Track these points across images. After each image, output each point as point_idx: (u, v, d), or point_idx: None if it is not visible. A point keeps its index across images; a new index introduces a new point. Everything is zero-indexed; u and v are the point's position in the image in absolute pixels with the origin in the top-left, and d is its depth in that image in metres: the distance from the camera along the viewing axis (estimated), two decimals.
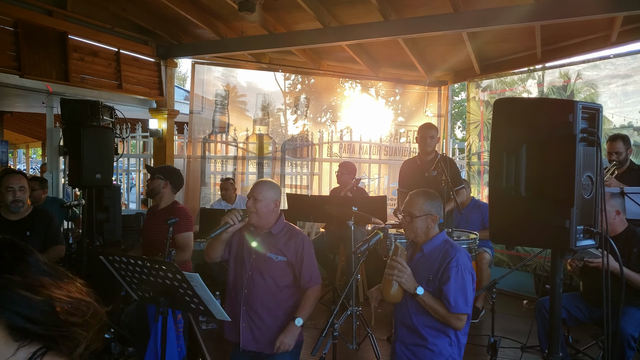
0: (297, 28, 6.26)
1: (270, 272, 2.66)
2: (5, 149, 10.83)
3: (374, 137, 7.63)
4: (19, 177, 3.69)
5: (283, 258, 2.67)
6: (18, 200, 3.59)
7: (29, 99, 7.33)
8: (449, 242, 2.61)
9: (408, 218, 2.62)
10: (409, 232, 2.64)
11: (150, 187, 3.72)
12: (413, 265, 2.60)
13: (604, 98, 5.78)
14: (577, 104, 1.80)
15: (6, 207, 3.61)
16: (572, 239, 1.81)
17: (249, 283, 2.68)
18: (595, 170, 1.87)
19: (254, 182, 2.83)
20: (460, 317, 2.47)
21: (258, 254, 2.69)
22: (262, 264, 2.67)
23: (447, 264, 2.49)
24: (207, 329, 4.92)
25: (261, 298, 2.65)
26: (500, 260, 6.54)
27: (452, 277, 2.46)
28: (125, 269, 2.50)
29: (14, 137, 15.18)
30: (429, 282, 2.53)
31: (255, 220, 2.66)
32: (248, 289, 2.67)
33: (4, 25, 4.89)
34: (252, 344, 2.68)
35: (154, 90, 6.70)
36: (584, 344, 4.32)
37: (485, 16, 4.96)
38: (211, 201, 7.06)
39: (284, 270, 2.68)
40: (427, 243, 2.61)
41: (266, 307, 2.67)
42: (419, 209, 2.60)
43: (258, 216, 2.65)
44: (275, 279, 2.67)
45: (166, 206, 3.71)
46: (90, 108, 4.69)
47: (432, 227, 2.61)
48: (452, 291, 2.44)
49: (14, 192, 3.57)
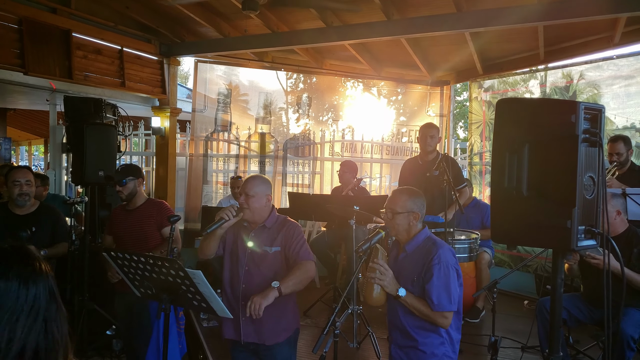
0: (300, 27, 6.27)
1: (266, 264, 2.68)
2: (8, 146, 10.86)
3: (376, 137, 7.64)
4: (25, 171, 3.72)
5: (277, 248, 2.70)
6: (24, 193, 3.62)
7: (32, 96, 7.35)
8: (431, 239, 2.58)
9: (390, 214, 2.59)
10: (391, 229, 2.60)
11: (126, 193, 3.54)
12: (398, 265, 2.60)
13: (607, 99, 5.78)
14: (579, 104, 1.81)
15: (13, 201, 3.64)
16: (574, 239, 1.81)
17: (246, 277, 2.69)
18: (597, 170, 1.88)
19: (245, 179, 2.83)
20: (445, 314, 2.44)
21: (253, 248, 2.72)
22: (258, 257, 2.70)
23: (430, 262, 2.45)
24: (208, 327, 4.94)
25: (257, 290, 2.60)
26: (501, 261, 6.54)
27: (435, 274, 2.42)
28: (129, 265, 2.51)
29: (16, 134, 15.23)
30: (413, 282, 2.50)
31: (249, 215, 2.68)
32: (246, 283, 2.69)
33: (9, 22, 4.91)
34: (253, 336, 2.71)
35: (156, 88, 6.71)
36: (584, 345, 4.32)
37: (488, 16, 4.96)
38: (213, 199, 7.08)
39: (279, 260, 2.70)
40: (410, 242, 2.58)
41: None
42: (402, 205, 2.57)
43: (251, 212, 2.68)
44: (272, 270, 2.69)
45: (142, 203, 3.62)
46: (94, 106, 4.71)
47: (413, 225, 2.58)
48: (435, 289, 2.41)
49: (20, 186, 3.61)
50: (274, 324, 2.69)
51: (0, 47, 4.82)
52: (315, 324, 5.08)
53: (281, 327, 2.73)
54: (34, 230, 3.66)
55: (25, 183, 3.62)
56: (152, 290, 2.56)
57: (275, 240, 2.71)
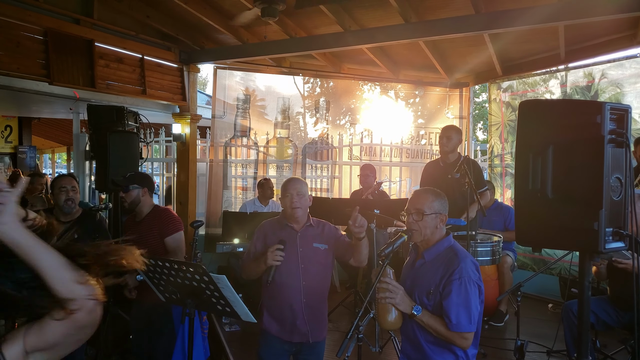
0: (317, 32, 6.29)
1: (318, 259, 2.81)
2: (33, 154, 11.12)
3: (395, 140, 7.61)
4: (70, 178, 3.81)
5: (325, 246, 2.82)
6: (70, 199, 3.67)
7: (56, 105, 7.51)
8: (453, 249, 2.37)
9: (417, 216, 2.36)
10: (416, 233, 2.38)
11: (129, 200, 3.43)
12: (414, 273, 2.44)
13: (630, 98, 5.67)
14: (605, 105, 1.79)
15: (59, 208, 3.69)
16: (601, 241, 1.79)
17: (304, 275, 2.77)
18: (624, 171, 1.85)
19: (288, 179, 2.90)
20: (464, 335, 2.23)
21: (304, 246, 2.80)
22: (312, 253, 2.80)
23: (450, 276, 2.25)
24: (230, 331, 4.97)
25: (317, 285, 2.81)
26: (524, 264, 6.46)
27: (454, 290, 2.21)
28: (154, 270, 2.55)
29: (40, 142, 15.55)
30: (429, 295, 2.31)
31: (301, 214, 2.80)
32: (306, 280, 2.77)
33: (34, 34, 5.03)
34: (299, 336, 2.79)
35: (177, 95, 6.80)
36: (612, 349, 4.24)
37: (507, 17, 4.92)
38: (233, 204, 7.13)
39: (327, 256, 2.84)
40: (430, 249, 2.39)
41: (321, 293, 2.85)
42: (429, 206, 2.36)
43: (303, 211, 2.81)
44: (323, 266, 2.84)
45: (149, 212, 3.47)
46: (116, 113, 4.80)
47: (440, 228, 2.40)
48: (454, 307, 2.20)
49: (67, 192, 3.66)
50: (322, 321, 2.87)
51: (27, 58, 4.95)
52: (337, 328, 5.07)
53: (324, 325, 2.89)
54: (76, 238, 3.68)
55: (71, 189, 3.68)
56: (176, 295, 2.60)
57: (321, 238, 2.84)
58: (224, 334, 4.34)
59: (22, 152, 10.87)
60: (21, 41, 4.92)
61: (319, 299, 2.85)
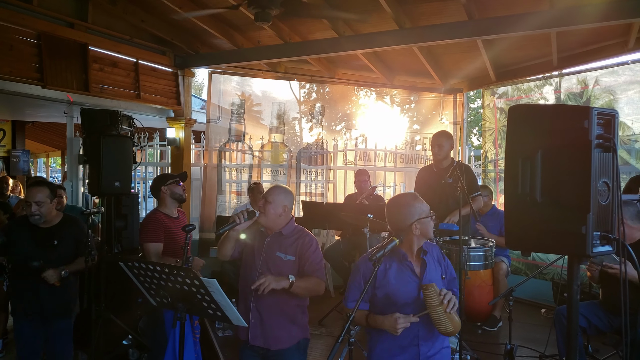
0: (312, 37, 6.32)
1: (279, 270, 2.72)
2: (27, 158, 11.07)
3: (389, 145, 7.63)
4: (37, 190, 3.57)
5: (291, 257, 2.76)
6: (34, 214, 3.53)
7: (50, 109, 7.50)
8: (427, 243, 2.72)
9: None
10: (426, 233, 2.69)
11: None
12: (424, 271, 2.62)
13: (622, 104, 5.72)
14: (592, 110, 1.80)
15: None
16: (589, 245, 1.80)
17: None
18: (611, 176, 1.86)
19: (271, 186, 2.93)
20: None
21: (268, 252, 2.78)
22: (272, 262, 2.76)
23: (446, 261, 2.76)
24: (223, 336, 4.95)
25: (270, 295, 2.65)
26: (517, 269, 6.47)
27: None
28: (145, 275, 2.54)
29: (34, 146, 15.50)
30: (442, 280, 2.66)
31: (263, 220, 2.78)
32: None
33: (28, 37, 5.04)
34: (259, 340, 2.77)
35: (171, 99, 6.81)
36: (604, 354, 4.25)
37: (500, 23, 4.96)
38: (227, 209, 7.12)
39: (292, 269, 2.74)
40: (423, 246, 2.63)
41: (274, 304, 2.74)
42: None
43: (266, 217, 2.77)
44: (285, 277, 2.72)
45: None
46: (110, 117, 4.78)
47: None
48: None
49: (30, 206, 3.53)
50: (279, 330, 2.75)
51: (20, 61, 4.94)
52: (330, 333, 5.06)
53: (287, 335, 2.78)
54: (56, 244, 3.65)
55: (35, 204, 3.51)
56: (167, 299, 2.58)
57: (289, 249, 2.77)
58: (217, 339, 4.33)
59: (15, 155, 10.81)
60: (14, 44, 4.92)
61: (273, 310, 2.74)
